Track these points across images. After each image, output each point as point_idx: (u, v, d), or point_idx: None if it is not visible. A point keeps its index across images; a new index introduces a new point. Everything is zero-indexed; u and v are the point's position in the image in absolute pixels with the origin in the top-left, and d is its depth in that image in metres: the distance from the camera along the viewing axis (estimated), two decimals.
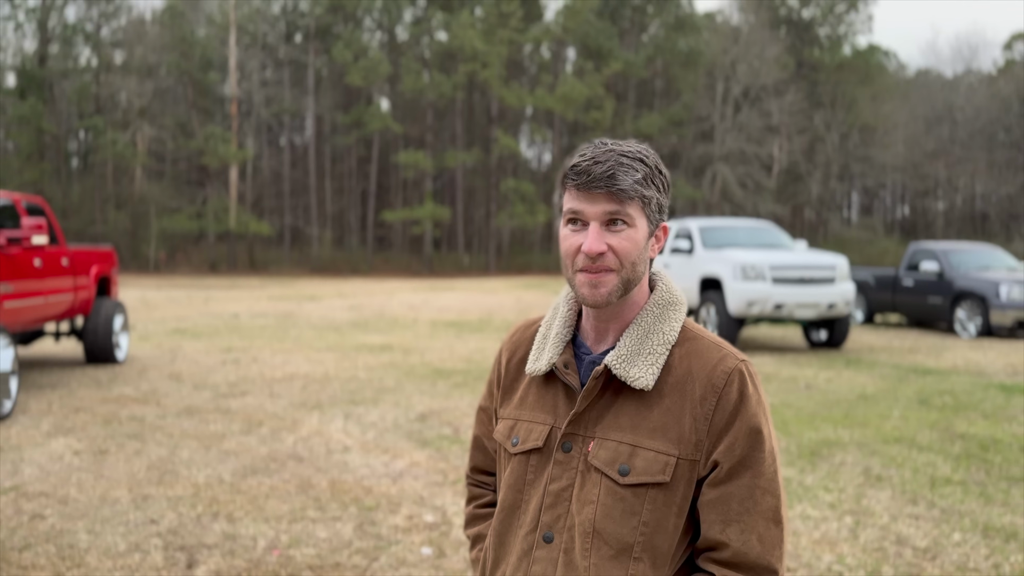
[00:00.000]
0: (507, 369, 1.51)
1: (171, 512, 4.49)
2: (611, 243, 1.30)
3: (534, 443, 1.39)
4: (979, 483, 5.01)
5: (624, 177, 1.28)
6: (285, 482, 5.09)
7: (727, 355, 1.34)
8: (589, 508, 1.31)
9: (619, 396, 1.34)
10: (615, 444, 1.32)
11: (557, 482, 1.35)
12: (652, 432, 1.30)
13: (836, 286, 11.55)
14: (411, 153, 47.53)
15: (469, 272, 47.21)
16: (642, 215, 1.32)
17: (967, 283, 13.86)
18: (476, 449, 1.61)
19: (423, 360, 10.50)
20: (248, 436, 6.30)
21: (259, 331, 14.12)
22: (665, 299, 1.39)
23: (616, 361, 1.32)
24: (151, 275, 39.91)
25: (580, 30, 49.29)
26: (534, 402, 1.43)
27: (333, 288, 29.61)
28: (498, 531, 1.42)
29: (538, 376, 1.43)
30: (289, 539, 4.11)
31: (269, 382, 8.80)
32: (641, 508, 1.29)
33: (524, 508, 1.39)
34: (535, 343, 1.46)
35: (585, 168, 1.29)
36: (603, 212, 1.30)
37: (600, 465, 1.31)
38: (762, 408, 1.32)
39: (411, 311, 18.86)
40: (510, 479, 1.41)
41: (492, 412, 1.54)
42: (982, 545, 3.99)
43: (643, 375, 1.31)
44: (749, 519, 1.28)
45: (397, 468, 5.42)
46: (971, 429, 6.45)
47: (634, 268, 1.32)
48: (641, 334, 1.35)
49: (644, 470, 1.29)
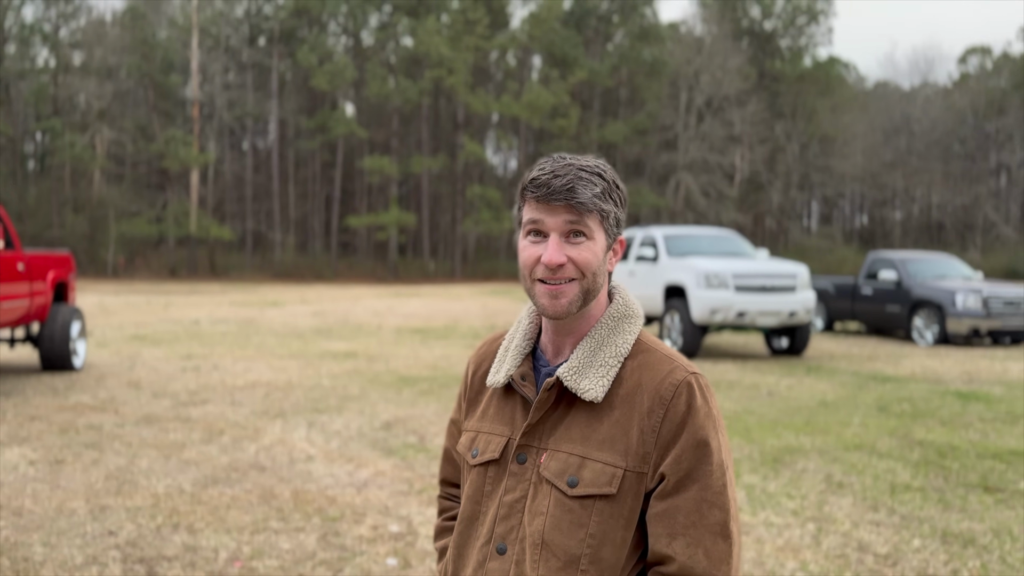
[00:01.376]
0: (472, 382, 1.52)
1: (130, 523, 4.40)
2: (571, 255, 1.31)
3: (491, 455, 1.40)
4: (938, 489, 5.10)
5: (583, 190, 1.30)
6: (247, 492, 5.02)
7: (677, 367, 1.34)
8: (539, 520, 1.31)
9: (571, 408, 1.35)
10: (565, 456, 1.32)
11: (511, 493, 1.36)
12: (601, 444, 1.31)
13: (797, 294, 11.71)
14: (376, 158, 47.33)
15: (434, 278, 47.09)
16: (600, 228, 1.34)
17: (924, 292, 14.14)
18: (446, 461, 1.61)
19: (388, 367, 10.43)
20: (209, 445, 6.20)
21: (220, 338, 13.93)
22: (621, 312, 1.40)
23: (568, 373, 1.33)
24: (109, 280, 39.20)
25: (546, 38, 49.53)
26: (494, 414, 1.44)
27: (296, 294, 29.34)
28: (457, 543, 1.43)
29: (499, 388, 1.44)
30: (251, 550, 4.05)
31: (230, 390, 8.67)
32: (588, 520, 1.29)
33: (481, 520, 1.39)
34: (497, 355, 1.47)
35: (545, 181, 1.31)
36: (563, 223, 1.31)
37: (550, 476, 1.32)
38: (711, 420, 1.32)
39: (376, 317, 18.74)
40: (469, 491, 1.42)
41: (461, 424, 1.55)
42: (941, 551, 4.06)
43: (593, 387, 1.32)
44: (695, 533, 1.27)
45: (361, 477, 5.37)
46: (929, 436, 6.57)
47: (594, 279, 1.34)
48: (594, 346, 1.36)
49: (591, 482, 1.29)
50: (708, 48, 51.05)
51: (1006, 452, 6.01)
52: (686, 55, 50.67)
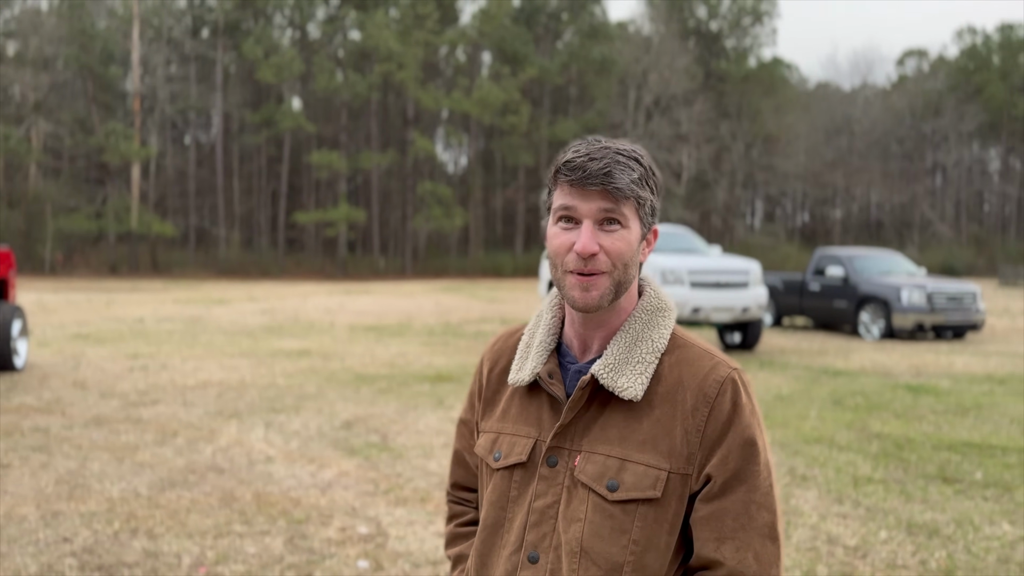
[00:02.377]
0: (488, 380, 1.43)
1: (85, 529, 4.22)
2: (604, 243, 1.24)
3: (517, 457, 1.31)
4: (898, 481, 5.19)
5: (621, 175, 1.22)
6: (206, 495, 4.86)
7: (719, 363, 1.28)
8: (576, 526, 1.24)
9: (607, 407, 1.28)
10: (603, 458, 1.25)
11: (542, 499, 1.28)
12: (642, 445, 1.24)
13: (750, 290, 11.86)
14: (324, 153, 46.72)
15: (385, 275, 46.69)
16: (636, 217, 1.26)
17: (871, 288, 14.46)
18: (457, 464, 1.52)
19: (344, 365, 10.27)
20: (163, 447, 6.01)
21: (167, 336, 13.57)
22: (654, 305, 1.33)
23: (603, 370, 1.26)
24: (47, 277, 37.99)
25: (496, 34, 49.47)
26: (517, 414, 1.35)
27: (243, 291, 28.79)
28: (480, 551, 1.35)
29: (521, 387, 1.36)
30: (216, 555, 3.91)
31: (181, 390, 8.44)
32: (631, 525, 1.22)
33: (508, 526, 1.31)
34: (518, 352, 1.39)
35: (580, 164, 1.23)
36: (598, 210, 1.23)
37: (587, 480, 1.25)
38: (756, 419, 1.27)
39: (327, 315, 18.47)
40: (492, 496, 1.34)
41: (473, 425, 1.46)
42: (908, 542, 4.12)
43: (632, 385, 1.25)
44: (744, 536, 1.22)
45: (325, 478, 5.25)
46: (885, 428, 6.69)
47: (626, 270, 1.26)
48: (629, 342, 1.28)
49: (634, 485, 1.23)
50: (656, 47, 51.57)
51: (960, 444, 6.15)
52: (634, 54, 51.13)
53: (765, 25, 58.34)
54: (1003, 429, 6.71)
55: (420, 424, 6.84)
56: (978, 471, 5.41)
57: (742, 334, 12.47)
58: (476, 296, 27.10)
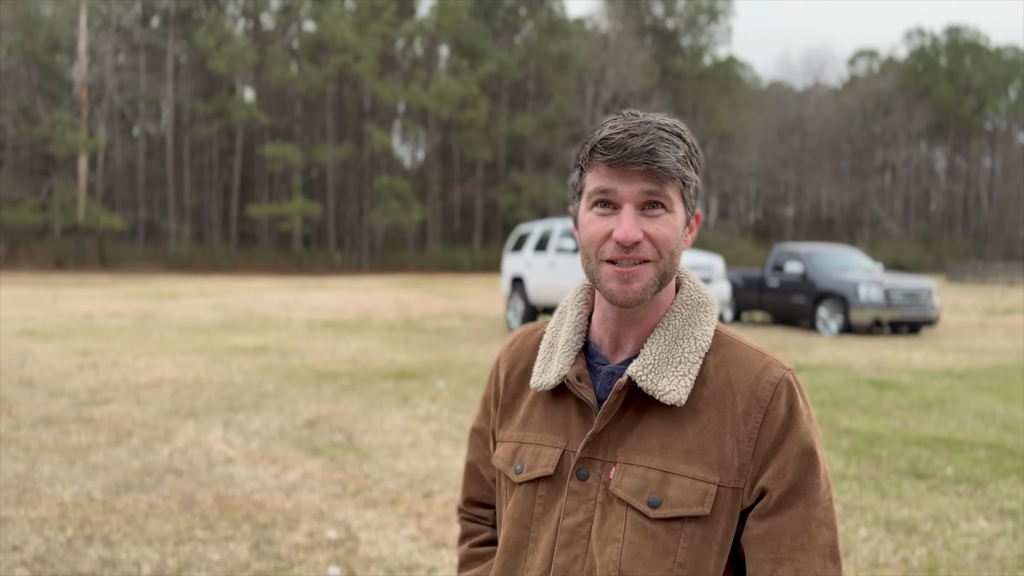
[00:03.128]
0: (507, 384, 1.29)
1: (36, 536, 3.98)
2: (648, 230, 1.10)
3: (543, 470, 1.17)
4: (872, 477, 5.17)
5: (666, 154, 1.08)
6: (165, 499, 4.65)
7: (771, 363, 1.14)
8: (613, 547, 1.10)
9: (645, 413, 1.14)
10: (642, 470, 1.11)
11: (572, 516, 1.14)
12: (687, 455, 1.10)
13: (713, 286, 11.91)
14: (279, 145, 45.97)
15: (341, 270, 46.14)
16: (680, 199, 1.13)
17: (829, 284, 14.61)
18: (470, 478, 1.37)
19: (303, 362, 10.03)
20: (117, 448, 5.75)
21: (117, 332, 13.16)
22: (695, 299, 1.19)
23: (642, 371, 1.12)
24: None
25: (454, 28, 49.16)
26: (541, 422, 1.21)
27: (194, 286, 28.17)
28: (501, 575, 1.20)
29: (545, 391, 1.22)
30: (178, 563, 3.71)
31: (134, 388, 8.14)
32: (676, 547, 1.09)
33: (532, 547, 1.17)
34: (540, 352, 1.25)
35: (620, 141, 1.08)
36: (640, 192, 1.09)
37: (625, 495, 1.11)
38: (813, 425, 1.14)
39: (284, 310, 18.12)
40: (514, 513, 1.19)
41: (489, 434, 1.32)
42: (888, 540, 4.08)
43: (674, 388, 1.11)
44: (804, 557, 1.08)
45: (289, 480, 5.06)
46: (853, 424, 6.70)
47: (672, 260, 1.12)
48: (669, 340, 1.14)
49: (679, 501, 1.09)
50: (614, 44, 51.76)
51: (928, 439, 6.18)
52: (593, 50, 51.24)
53: (720, 24, 58.95)
54: (968, 424, 6.77)
55: (386, 423, 6.67)
56: (949, 466, 5.42)
57: None
58: (435, 292, 26.87)
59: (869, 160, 60.69)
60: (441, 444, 5.98)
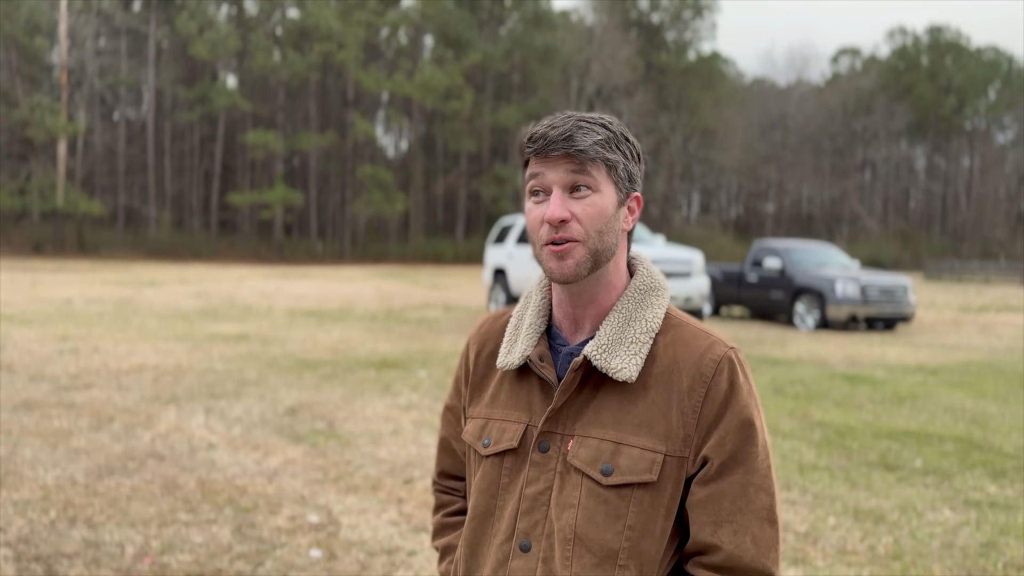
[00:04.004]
0: (476, 364, 1.38)
1: (19, 518, 4.02)
2: (574, 210, 1.20)
3: (508, 443, 1.26)
4: (842, 468, 5.30)
5: (583, 138, 1.19)
6: (148, 483, 4.69)
7: (715, 342, 1.24)
8: (570, 512, 1.20)
9: (600, 390, 1.23)
10: (597, 442, 1.21)
11: (534, 485, 1.23)
12: (637, 428, 1.20)
13: (693, 280, 12.03)
14: (261, 133, 45.68)
15: (323, 260, 45.97)
16: (608, 181, 1.22)
17: (806, 279, 14.80)
18: (443, 452, 1.47)
19: (285, 351, 10.06)
20: (99, 433, 5.78)
21: (96, 318, 13.11)
22: (647, 284, 1.29)
23: (596, 351, 1.21)
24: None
25: (439, 18, 48.99)
26: (507, 399, 1.31)
27: (174, 273, 28.02)
28: (470, 540, 1.30)
29: (510, 371, 1.32)
30: (161, 545, 3.77)
31: (115, 374, 8.15)
32: (626, 511, 1.19)
33: (498, 515, 1.27)
34: (506, 335, 1.34)
35: (542, 133, 1.20)
36: (564, 175, 1.20)
37: (580, 465, 1.20)
38: (753, 399, 1.24)
39: (264, 299, 18.10)
40: (482, 483, 1.29)
41: (460, 411, 1.41)
42: (856, 528, 4.20)
43: (626, 366, 1.21)
44: (743, 519, 1.19)
45: (271, 466, 5.12)
46: (826, 417, 6.84)
47: (601, 237, 1.21)
48: (622, 322, 1.24)
49: (629, 469, 1.19)
50: (599, 38, 51.78)
51: (899, 432, 6.33)
52: (577, 43, 51.25)
53: (705, 19, 59.09)
54: (938, 418, 6.93)
55: (367, 411, 6.73)
56: (917, 459, 5.56)
57: None
58: (417, 282, 26.89)
59: (850, 157, 61.20)
60: (422, 432, 6.05)
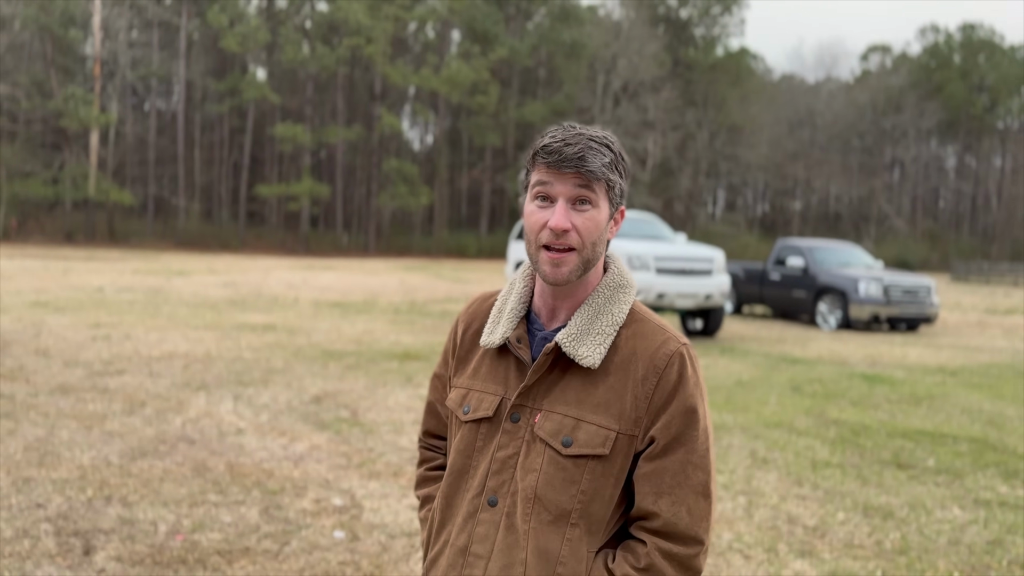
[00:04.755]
0: (463, 339, 1.56)
1: (58, 495, 4.22)
2: (575, 222, 1.37)
3: (484, 412, 1.44)
4: (855, 466, 5.38)
5: (593, 160, 1.35)
6: (179, 465, 4.88)
7: (670, 338, 1.42)
8: (532, 476, 1.37)
9: (567, 372, 1.41)
10: (560, 417, 1.38)
11: (504, 450, 1.41)
12: (596, 408, 1.38)
13: (713, 278, 12.07)
14: (289, 126, 46.08)
15: (348, 252, 46.34)
16: (605, 198, 1.40)
17: (829, 279, 14.79)
18: (429, 414, 1.65)
19: (310, 341, 10.26)
20: (131, 417, 5.99)
21: (128, 306, 13.41)
22: (616, 282, 1.46)
23: (566, 339, 1.39)
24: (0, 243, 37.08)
25: (466, 13, 49.08)
26: (487, 373, 1.48)
27: (203, 263, 28.42)
28: (446, 493, 1.47)
29: (492, 348, 1.49)
30: (192, 523, 3.95)
31: (147, 360, 8.38)
32: (580, 477, 1.36)
33: (472, 473, 1.44)
34: (491, 316, 1.52)
35: (557, 148, 1.36)
36: (571, 189, 1.37)
37: (545, 436, 1.38)
38: (699, 389, 1.41)
39: (291, 290, 18.37)
40: (460, 445, 1.47)
41: (446, 379, 1.59)
42: (864, 524, 4.30)
43: (591, 354, 1.38)
44: (680, 492, 1.36)
45: (297, 451, 5.29)
46: (842, 415, 6.91)
47: (594, 248, 1.39)
48: (592, 314, 1.42)
49: (586, 443, 1.36)
50: (626, 33, 51.62)
51: (913, 431, 6.39)
52: (604, 39, 51.11)
53: (734, 15, 58.70)
54: (954, 418, 6.97)
55: (390, 400, 6.90)
56: (930, 458, 5.63)
57: (704, 321, 12.69)
58: (441, 276, 27.09)
59: (878, 156, 60.56)
60: None
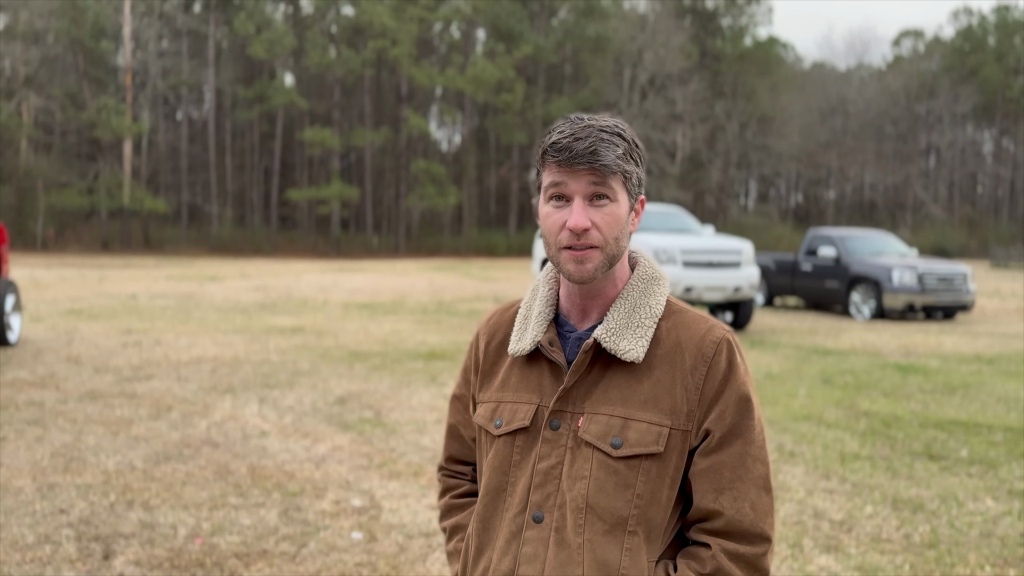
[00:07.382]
0: (486, 353, 1.48)
1: (81, 501, 4.26)
2: (595, 219, 1.29)
3: (520, 423, 1.36)
4: (885, 458, 5.26)
5: (606, 152, 1.27)
6: (202, 468, 4.91)
7: (714, 326, 1.35)
8: (581, 484, 1.29)
9: (607, 370, 1.33)
10: (606, 418, 1.31)
11: (546, 460, 1.32)
12: (643, 404, 1.30)
13: (742, 270, 11.92)
14: (317, 130, 46.43)
15: (378, 254, 46.60)
16: (623, 190, 1.32)
17: (862, 268, 14.53)
18: (451, 438, 1.56)
19: (337, 343, 10.31)
20: (157, 421, 6.05)
21: (160, 312, 13.58)
22: (649, 274, 1.40)
23: (606, 334, 1.32)
24: (38, 253, 37.83)
25: (491, 11, 49.07)
26: (517, 383, 1.40)
27: (235, 268, 28.75)
28: (482, 516, 1.39)
29: (520, 357, 1.41)
30: (211, 527, 3.96)
31: (175, 365, 8.47)
32: (635, 480, 1.28)
33: (511, 490, 1.35)
34: (516, 324, 1.44)
35: (566, 144, 1.28)
36: (587, 186, 1.29)
37: (591, 439, 1.30)
38: (749, 377, 1.35)
39: (321, 292, 18.49)
40: (495, 461, 1.38)
41: (468, 399, 1.51)
42: (893, 517, 4.19)
43: (633, 347, 1.31)
44: (741, 487, 1.29)
45: (319, 452, 5.30)
46: (873, 407, 6.77)
47: (617, 243, 1.32)
48: (629, 308, 1.35)
49: (638, 442, 1.28)
50: (652, 25, 51.27)
51: (946, 422, 6.23)
52: (630, 32, 50.81)
53: (761, 4, 57.99)
54: (989, 408, 6.80)
55: (413, 400, 6.89)
56: (964, 448, 5.49)
57: (733, 313, 12.54)
58: (469, 275, 27.12)
59: (913, 143, 59.51)
60: None
